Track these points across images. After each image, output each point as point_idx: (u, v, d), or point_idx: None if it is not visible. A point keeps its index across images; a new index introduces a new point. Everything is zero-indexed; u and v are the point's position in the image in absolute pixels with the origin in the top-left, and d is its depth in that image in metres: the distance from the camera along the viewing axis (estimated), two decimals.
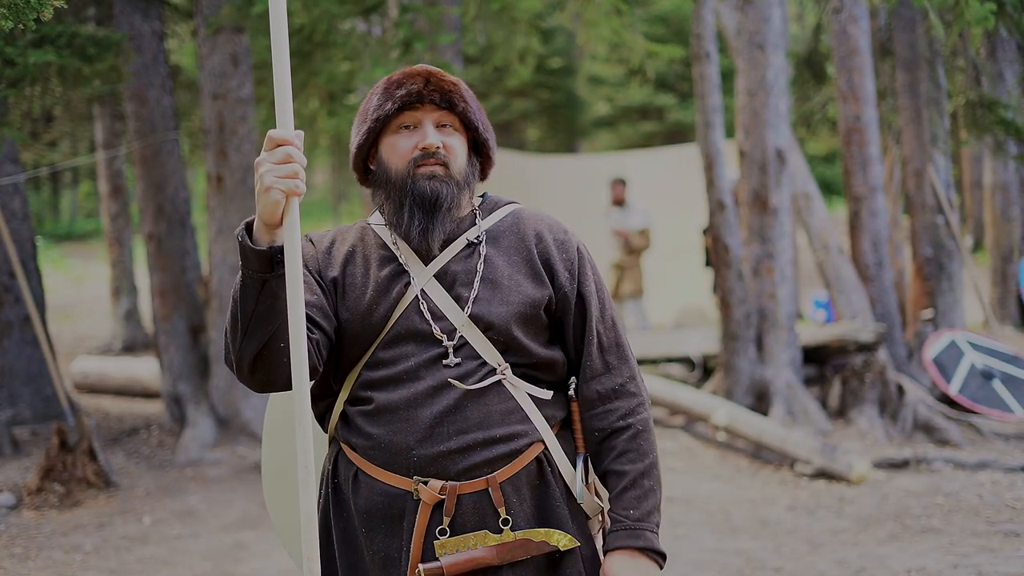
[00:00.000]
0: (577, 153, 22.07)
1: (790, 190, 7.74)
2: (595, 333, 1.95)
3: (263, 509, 5.95)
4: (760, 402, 7.29)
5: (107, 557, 5.15)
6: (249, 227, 1.75)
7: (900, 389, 7.15)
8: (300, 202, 1.73)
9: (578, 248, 1.99)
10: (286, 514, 2.16)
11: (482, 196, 2.07)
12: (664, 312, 11.79)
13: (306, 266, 1.94)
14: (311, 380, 1.88)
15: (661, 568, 1.92)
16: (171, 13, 9.16)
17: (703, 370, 8.54)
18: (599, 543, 1.97)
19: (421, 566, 1.81)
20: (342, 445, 1.95)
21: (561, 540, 1.87)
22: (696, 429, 7.29)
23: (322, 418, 2.03)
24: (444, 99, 1.94)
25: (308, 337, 1.83)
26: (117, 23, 7.47)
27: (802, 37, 16.27)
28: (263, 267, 1.72)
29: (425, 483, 1.84)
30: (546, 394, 1.92)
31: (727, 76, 13.74)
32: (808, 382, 7.55)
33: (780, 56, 7.59)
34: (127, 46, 6.84)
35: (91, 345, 11.98)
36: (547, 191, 12.08)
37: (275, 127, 1.72)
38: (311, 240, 2.01)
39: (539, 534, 1.86)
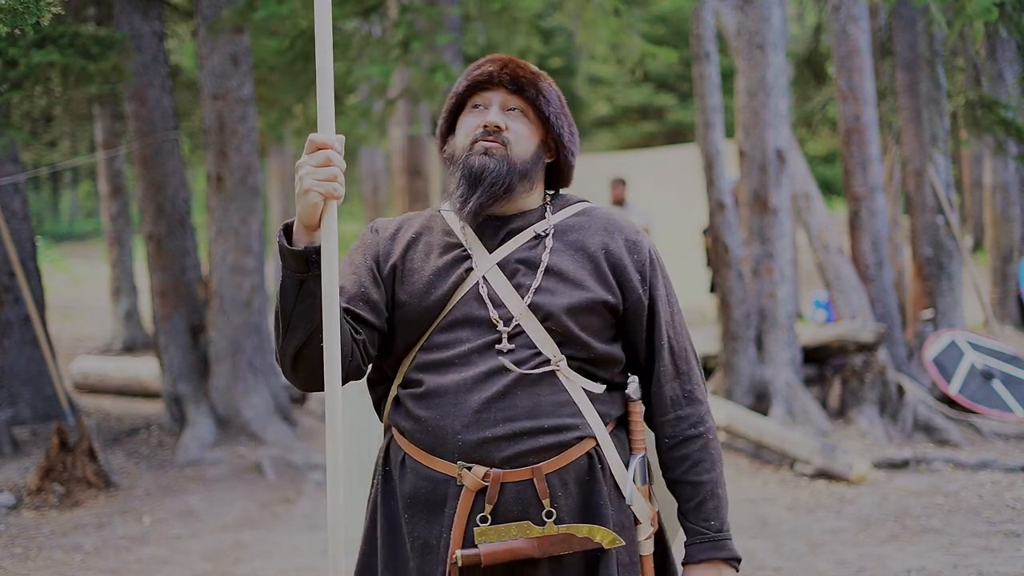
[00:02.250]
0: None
1: (790, 190, 7.74)
2: (666, 338, 1.94)
3: (263, 509, 5.95)
4: (760, 402, 7.30)
5: (107, 557, 5.14)
6: (287, 228, 1.77)
7: (900, 389, 7.15)
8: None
9: (650, 251, 1.98)
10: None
11: (555, 193, 2.06)
12: None
13: (364, 254, 1.96)
14: (358, 379, 1.91)
15: (737, 571, 1.94)
16: (171, 13, 9.16)
17: (703, 370, 8.54)
18: (647, 550, 1.93)
19: (459, 552, 1.79)
20: (393, 431, 1.94)
21: (605, 538, 1.83)
22: None
23: (379, 404, 2.03)
24: (515, 83, 1.94)
25: (353, 337, 1.85)
26: (117, 23, 7.47)
27: (802, 37, 16.25)
28: (300, 267, 1.74)
29: (469, 468, 1.82)
30: (599, 388, 1.90)
31: (727, 76, 13.73)
32: (808, 382, 7.55)
33: (780, 56, 7.60)
34: (128, 46, 6.84)
35: (91, 345, 11.98)
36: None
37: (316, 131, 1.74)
38: (376, 229, 2.02)
39: (583, 530, 1.82)
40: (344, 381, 1.86)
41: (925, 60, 8.38)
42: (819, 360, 7.60)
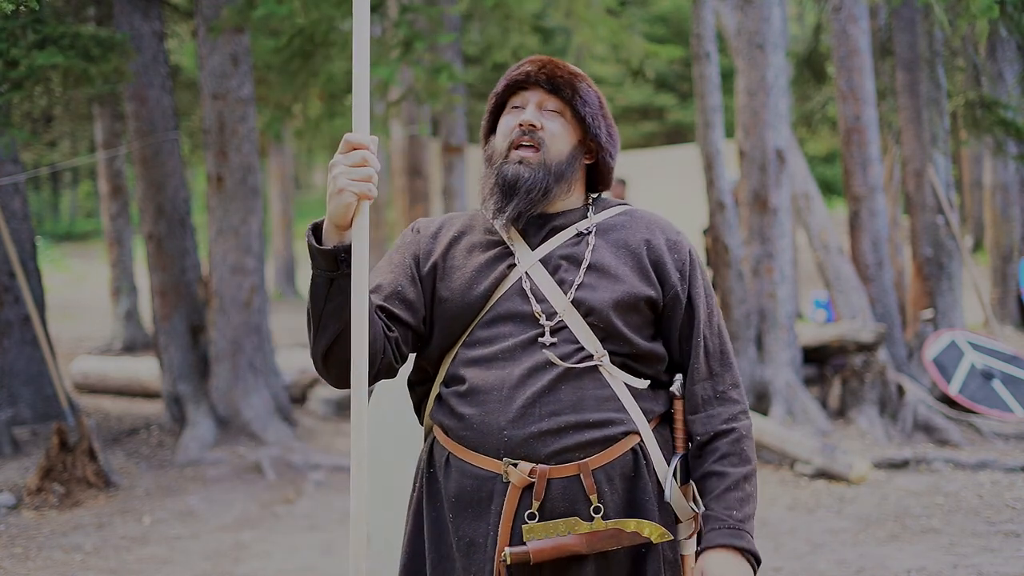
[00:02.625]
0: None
1: (790, 190, 7.74)
2: (702, 337, 1.94)
3: (263, 509, 5.95)
4: (760, 402, 7.29)
5: (107, 557, 5.14)
6: (316, 227, 1.77)
7: (900, 389, 7.15)
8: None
9: (690, 251, 1.99)
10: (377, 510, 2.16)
11: (597, 195, 2.07)
12: None
13: (403, 253, 1.97)
14: (389, 377, 1.91)
15: (755, 573, 1.90)
16: (171, 13, 9.16)
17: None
18: (687, 550, 1.92)
19: (508, 549, 1.78)
20: (436, 431, 1.93)
21: (654, 532, 1.83)
22: None
23: (419, 406, 2.02)
24: (551, 83, 1.96)
25: (385, 335, 1.85)
26: (117, 23, 7.47)
27: (802, 37, 16.25)
28: (330, 266, 1.74)
29: (515, 465, 1.81)
30: (643, 383, 1.89)
31: (727, 76, 13.74)
32: (808, 382, 7.55)
33: (780, 56, 7.59)
34: (129, 46, 6.84)
35: (91, 345, 11.98)
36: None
37: (351, 131, 1.74)
38: (416, 229, 2.03)
39: (631, 524, 1.82)
40: (375, 379, 1.87)
41: (925, 60, 8.38)
42: (819, 360, 7.60)
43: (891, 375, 7.20)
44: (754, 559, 1.88)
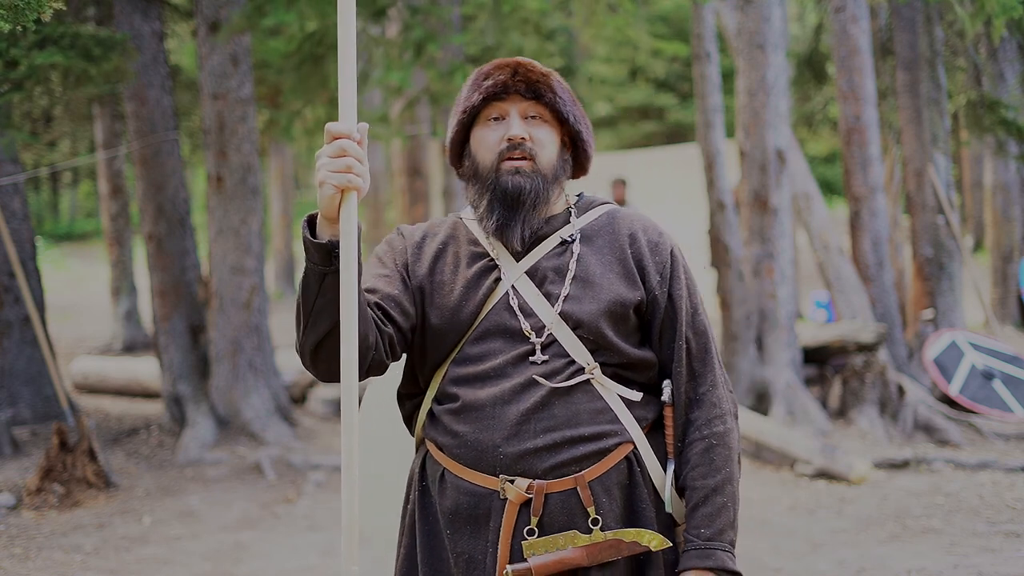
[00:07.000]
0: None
1: (790, 190, 7.74)
2: (684, 339, 1.91)
3: (263, 509, 5.95)
4: (760, 402, 7.29)
5: (107, 557, 5.14)
6: (311, 220, 1.74)
7: (900, 389, 7.15)
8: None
9: (672, 251, 1.96)
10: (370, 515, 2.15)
11: (579, 195, 2.05)
12: None
13: (394, 259, 1.94)
14: (379, 374, 1.88)
15: None
16: (171, 13, 9.16)
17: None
18: None
19: (509, 567, 1.78)
20: (429, 445, 1.92)
21: (652, 540, 1.83)
22: None
23: (409, 419, 2.01)
24: (531, 89, 1.91)
25: (380, 331, 1.82)
26: (117, 23, 7.47)
27: (802, 37, 16.26)
28: (323, 260, 1.71)
29: (512, 482, 1.80)
30: (636, 395, 1.88)
31: (727, 76, 13.74)
32: (808, 382, 7.55)
33: (780, 56, 7.59)
34: (130, 46, 6.84)
35: (91, 345, 11.98)
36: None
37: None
38: (402, 233, 2.00)
39: (630, 534, 1.82)
40: (367, 375, 1.84)
41: (925, 60, 8.38)
42: (819, 360, 7.59)
43: (891, 375, 7.20)
44: (729, 573, 1.87)
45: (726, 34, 8.42)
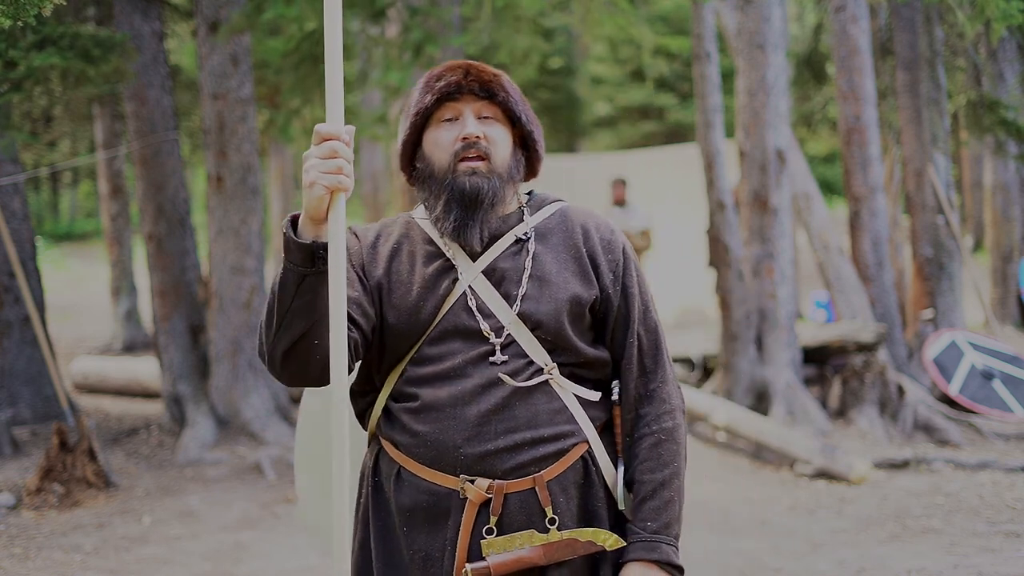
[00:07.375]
0: (577, 153, 22.06)
1: (790, 190, 7.74)
2: (636, 336, 1.93)
3: (263, 509, 5.95)
4: (760, 402, 7.29)
5: (107, 557, 5.14)
6: (295, 220, 1.74)
7: (900, 389, 7.15)
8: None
9: (624, 249, 1.98)
10: (317, 508, 2.14)
11: (529, 193, 2.06)
12: (664, 312, 11.79)
13: (350, 260, 1.93)
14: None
15: None
16: (171, 13, 9.16)
17: (703, 370, 8.54)
18: None
19: (468, 566, 1.79)
20: (384, 443, 1.93)
21: (608, 540, 1.85)
22: (696, 429, 7.29)
23: (362, 415, 2.01)
24: (484, 89, 1.92)
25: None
26: (117, 23, 7.47)
27: (802, 37, 16.26)
28: (304, 261, 1.71)
29: (472, 482, 1.82)
30: (594, 395, 1.90)
31: (727, 76, 13.74)
32: (808, 382, 7.55)
33: (780, 56, 7.59)
34: (129, 46, 6.85)
35: (91, 345, 11.98)
36: (548, 191, 12.08)
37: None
38: (355, 233, 1.99)
39: (586, 534, 1.84)
40: (325, 382, 1.82)
41: (925, 60, 8.38)
42: (819, 360, 7.59)
43: (891, 375, 7.20)
44: (675, 569, 1.88)
45: (726, 34, 8.42)
